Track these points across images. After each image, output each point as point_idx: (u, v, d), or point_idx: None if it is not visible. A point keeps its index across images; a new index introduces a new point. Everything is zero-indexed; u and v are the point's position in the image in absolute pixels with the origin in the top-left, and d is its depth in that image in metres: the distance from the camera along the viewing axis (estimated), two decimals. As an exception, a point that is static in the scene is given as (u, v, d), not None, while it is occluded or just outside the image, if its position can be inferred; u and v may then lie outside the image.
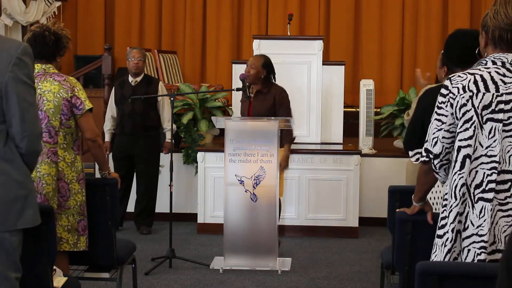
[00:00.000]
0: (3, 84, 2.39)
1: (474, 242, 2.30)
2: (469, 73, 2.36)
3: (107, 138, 6.15)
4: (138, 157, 6.06)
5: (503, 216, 2.28)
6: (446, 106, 2.37)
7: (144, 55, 6.19)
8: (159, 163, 6.26)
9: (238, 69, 6.25)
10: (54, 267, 2.99)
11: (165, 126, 6.10)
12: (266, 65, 5.36)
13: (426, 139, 2.46)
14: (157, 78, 6.78)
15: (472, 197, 2.31)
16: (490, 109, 2.30)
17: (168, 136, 6.11)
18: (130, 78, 6.05)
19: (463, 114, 2.33)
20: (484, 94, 2.31)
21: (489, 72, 2.33)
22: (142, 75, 6.09)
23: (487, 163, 2.30)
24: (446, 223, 2.36)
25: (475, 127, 2.32)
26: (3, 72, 2.39)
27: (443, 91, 2.39)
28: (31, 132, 2.46)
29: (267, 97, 5.34)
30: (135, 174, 6.16)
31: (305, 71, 6.62)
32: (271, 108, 5.30)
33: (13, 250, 2.49)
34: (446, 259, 2.33)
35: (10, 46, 2.45)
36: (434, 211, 2.85)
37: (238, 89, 5.23)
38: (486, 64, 2.36)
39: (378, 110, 6.93)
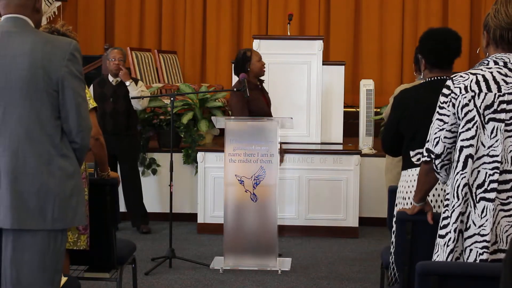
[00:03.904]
0: (59, 79, 2.41)
1: (476, 242, 2.30)
2: (471, 73, 2.36)
3: None
4: (121, 157, 6.05)
5: (505, 216, 2.28)
6: (448, 106, 2.37)
7: (125, 55, 6.17)
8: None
9: (238, 69, 6.24)
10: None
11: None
12: None
13: (427, 139, 2.46)
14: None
15: (474, 197, 2.31)
16: (492, 109, 2.30)
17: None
18: (111, 78, 6.03)
19: (465, 114, 2.33)
20: (486, 94, 2.31)
21: (491, 72, 2.33)
22: None
23: (489, 163, 2.30)
24: (449, 223, 2.36)
25: (477, 127, 2.31)
26: (58, 67, 2.41)
27: (445, 91, 2.39)
28: (86, 127, 2.48)
29: (264, 87, 5.47)
30: (119, 173, 6.11)
31: (305, 71, 6.62)
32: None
33: (63, 250, 2.48)
34: (449, 259, 2.33)
35: (62, 43, 2.48)
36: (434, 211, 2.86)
37: (238, 89, 5.22)
38: (488, 64, 2.36)
39: (378, 110, 6.93)
